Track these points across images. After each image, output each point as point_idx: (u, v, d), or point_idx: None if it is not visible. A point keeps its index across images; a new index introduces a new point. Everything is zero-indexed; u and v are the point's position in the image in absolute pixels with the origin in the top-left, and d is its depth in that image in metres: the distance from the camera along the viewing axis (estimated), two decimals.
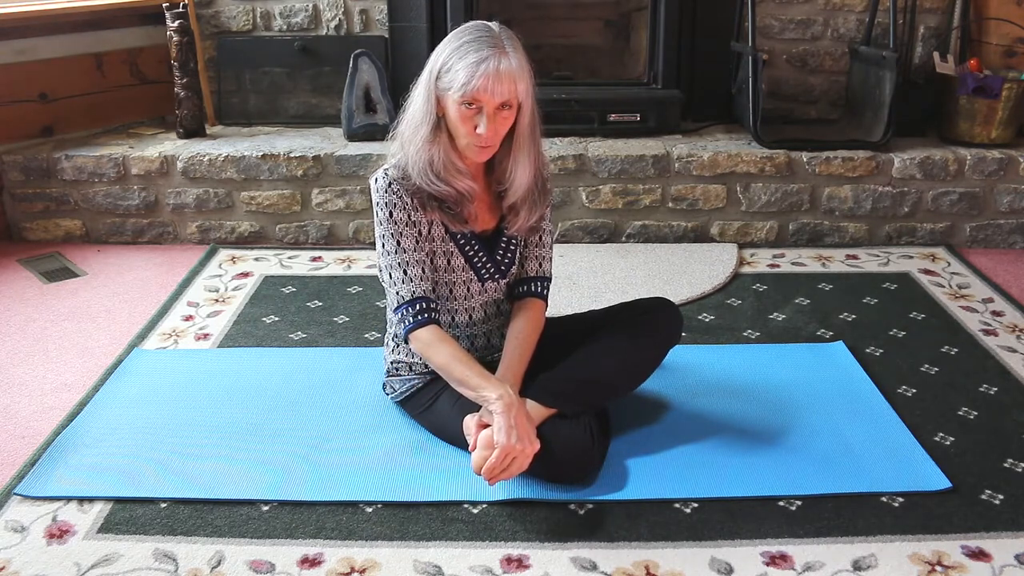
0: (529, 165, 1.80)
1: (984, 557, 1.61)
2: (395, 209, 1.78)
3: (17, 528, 1.70)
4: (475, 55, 1.64)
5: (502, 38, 1.68)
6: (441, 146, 1.74)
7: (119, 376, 2.24)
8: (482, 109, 1.67)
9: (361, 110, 3.23)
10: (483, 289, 1.91)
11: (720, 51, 3.41)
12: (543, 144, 1.87)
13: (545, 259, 1.95)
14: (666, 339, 1.98)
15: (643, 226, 3.13)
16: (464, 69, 1.64)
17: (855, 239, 3.15)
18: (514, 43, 1.69)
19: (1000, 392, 2.18)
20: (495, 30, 1.69)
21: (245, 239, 3.18)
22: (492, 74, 1.63)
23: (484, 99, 1.66)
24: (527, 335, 1.87)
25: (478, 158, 1.76)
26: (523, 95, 1.70)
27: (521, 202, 1.84)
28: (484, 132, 1.68)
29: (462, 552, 1.63)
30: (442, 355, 1.77)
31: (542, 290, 1.94)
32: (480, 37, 1.67)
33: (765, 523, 1.70)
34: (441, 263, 1.85)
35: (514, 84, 1.67)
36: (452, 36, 1.71)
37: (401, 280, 1.80)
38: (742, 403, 2.11)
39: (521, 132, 1.76)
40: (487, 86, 1.64)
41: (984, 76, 3.11)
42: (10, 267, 2.97)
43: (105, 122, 3.44)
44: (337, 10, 3.48)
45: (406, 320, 1.80)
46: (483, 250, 1.88)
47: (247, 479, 1.82)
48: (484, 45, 1.65)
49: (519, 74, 1.67)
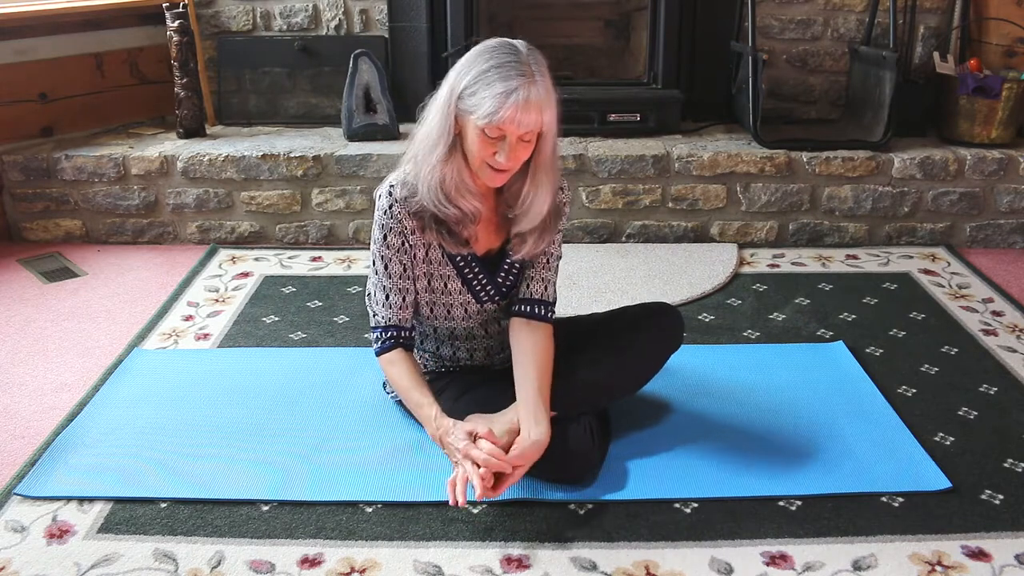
0: (548, 195, 1.74)
1: (984, 557, 1.61)
2: (390, 233, 1.76)
3: (17, 528, 1.70)
4: (503, 84, 1.57)
5: (530, 64, 1.60)
6: (455, 166, 1.68)
7: (119, 376, 2.24)
8: (504, 137, 1.62)
9: (361, 110, 3.23)
10: (482, 310, 1.89)
11: (720, 51, 3.41)
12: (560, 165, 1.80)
13: (550, 283, 1.87)
14: (667, 345, 1.98)
15: (643, 226, 3.13)
16: (491, 98, 1.57)
17: (855, 239, 3.15)
18: (542, 69, 1.62)
19: (1000, 392, 2.18)
20: (523, 53, 1.61)
21: (245, 239, 3.18)
22: (520, 105, 1.56)
23: (509, 129, 1.60)
24: (543, 371, 1.77)
25: (492, 183, 1.70)
26: (548, 125, 1.64)
27: (531, 231, 1.78)
28: (504, 161, 1.63)
29: (462, 552, 1.63)
30: (402, 380, 1.78)
31: (548, 314, 1.86)
32: (509, 62, 1.58)
33: (765, 523, 1.70)
34: (438, 285, 1.84)
35: (540, 115, 1.60)
36: (478, 55, 1.63)
37: (381, 304, 1.81)
38: (742, 403, 2.11)
39: (543, 161, 1.70)
40: (514, 117, 1.57)
41: (984, 76, 3.11)
42: (10, 267, 2.98)
43: (105, 122, 3.44)
44: (337, 10, 3.48)
45: (377, 342, 1.82)
46: (484, 272, 1.84)
47: (247, 479, 1.82)
48: (513, 73, 1.57)
49: (546, 104, 1.61)
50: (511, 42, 1.64)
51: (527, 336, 1.82)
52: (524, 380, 1.76)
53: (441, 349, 1.96)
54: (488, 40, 1.66)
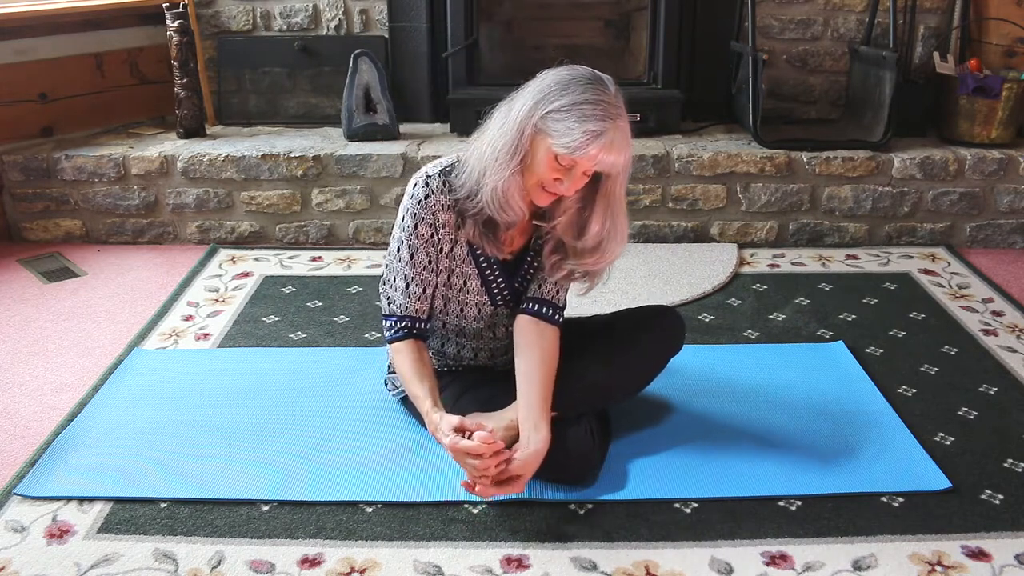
0: (623, 242, 1.76)
1: (984, 557, 1.61)
2: (421, 223, 1.76)
3: (17, 528, 1.70)
4: (595, 124, 1.57)
5: (619, 104, 1.62)
6: (519, 177, 1.67)
7: (119, 376, 2.24)
8: (573, 167, 1.62)
9: (361, 110, 3.23)
10: (494, 312, 1.89)
11: (720, 51, 3.41)
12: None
13: (563, 288, 1.86)
14: (668, 347, 1.98)
15: (643, 226, 3.13)
16: (581, 134, 1.57)
17: (855, 239, 3.15)
18: (624, 110, 1.63)
19: (1000, 392, 2.17)
20: (611, 93, 1.62)
21: (245, 239, 3.18)
22: (605, 146, 1.58)
23: (583, 164, 1.61)
24: (547, 376, 1.76)
25: (539, 201, 1.71)
26: (624, 167, 1.66)
27: (581, 265, 1.78)
28: (566, 190, 1.65)
29: (462, 552, 1.63)
30: (405, 370, 1.78)
31: (556, 317, 1.84)
32: (601, 100, 1.59)
33: (765, 523, 1.70)
34: (457, 282, 1.84)
35: (620, 158, 1.62)
36: (571, 81, 1.62)
37: (400, 292, 1.80)
38: (742, 403, 2.11)
39: (616, 201, 1.72)
40: (596, 155, 1.59)
41: (984, 76, 3.11)
42: (10, 267, 2.98)
43: (105, 122, 3.44)
44: (337, 10, 3.48)
45: (390, 331, 1.82)
46: (503, 276, 1.85)
47: (247, 479, 1.82)
48: (605, 114, 1.58)
49: (626, 147, 1.63)
50: (601, 76, 1.65)
51: (534, 338, 1.80)
52: (528, 384, 1.75)
53: (446, 347, 1.96)
54: (576, 66, 1.67)
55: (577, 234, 1.76)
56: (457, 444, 1.61)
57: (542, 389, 1.74)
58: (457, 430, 1.63)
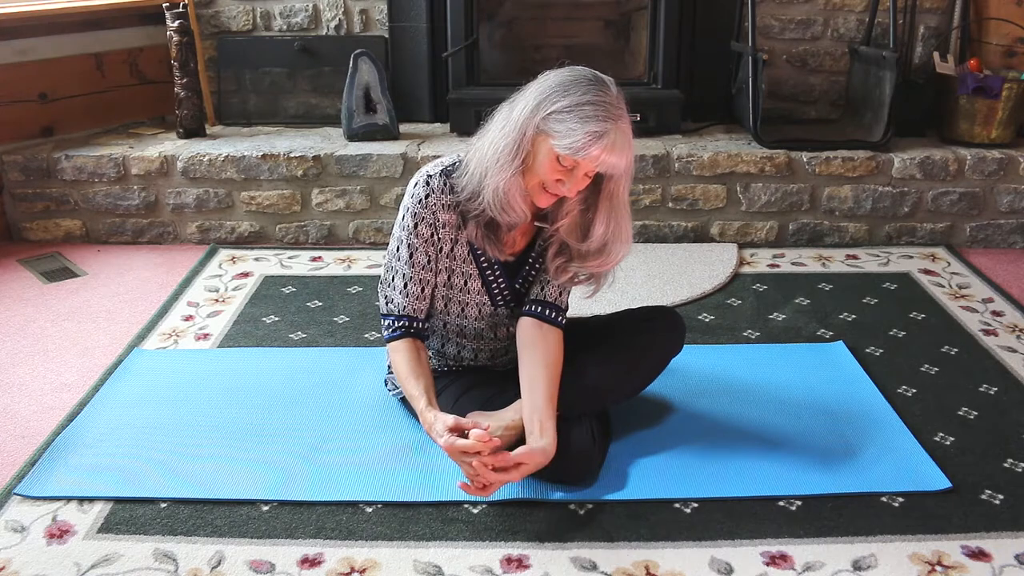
0: (627, 244, 1.76)
1: (984, 557, 1.61)
2: (421, 223, 1.76)
3: (17, 528, 1.70)
4: (597, 125, 1.57)
5: (620, 105, 1.62)
6: (520, 178, 1.67)
7: (119, 376, 2.24)
8: (574, 169, 1.62)
9: (361, 110, 3.23)
10: (495, 312, 1.89)
11: (720, 51, 3.41)
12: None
13: (565, 291, 1.86)
14: (668, 348, 1.98)
15: (643, 226, 3.13)
16: (583, 135, 1.57)
17: (855, 239, 3.15)
18: (625, 112, 1.64)
19: (1000, 392, 2.17)
20: (613, 93, 1.62)
21: (245, 239, 3.18)
22: (607, 147, 1.58)
23: (584, 165, 1.61)
24: (552, 379, 1.76)
25: (540, 203, 1.71)
26: (627, 168, 1.66)
27: (585, 268, 1.78)
28: (568, 191, 1.65)
29: (462, 552, 1.63)
30: (401, 369, 1.78)
31: (559, 319, 1.84)
32: (603, 101, 1.59)
33: (765, 523, 1.70)
34: (458, 282, 1.84)
35: (621, 159, 1.62)
36: (573, 82, 1.62)
37: (398, 291, 1.81)
38: (742, 403, 2.11)
39: (619, 203, 1.72)
40: (598, 156, 1.59)
41: (984, 76, 3.11)
42: (10, 267, 2.98)
43: (105, 122, 3.44)
44: (337, 10, 3.48)
45: (388, 330, 1.82)
46: (504, 276, 1.85)
47: (247, 479, 1.82)
48: (607, 115, 1.59)
49: (627, 148, 1.63)
50: (603, 77, 1.65)
51: (539, 341, 1.80)
52: (533, 386, 1.75)
53: (446, 347, 1.96)
54: (577, 67, 1.67)
55: (581, 236, 1.76)
56: (454, 444, 1.61)
57: (547, 392, 1.74)
58: (453, 430, 1.63)
